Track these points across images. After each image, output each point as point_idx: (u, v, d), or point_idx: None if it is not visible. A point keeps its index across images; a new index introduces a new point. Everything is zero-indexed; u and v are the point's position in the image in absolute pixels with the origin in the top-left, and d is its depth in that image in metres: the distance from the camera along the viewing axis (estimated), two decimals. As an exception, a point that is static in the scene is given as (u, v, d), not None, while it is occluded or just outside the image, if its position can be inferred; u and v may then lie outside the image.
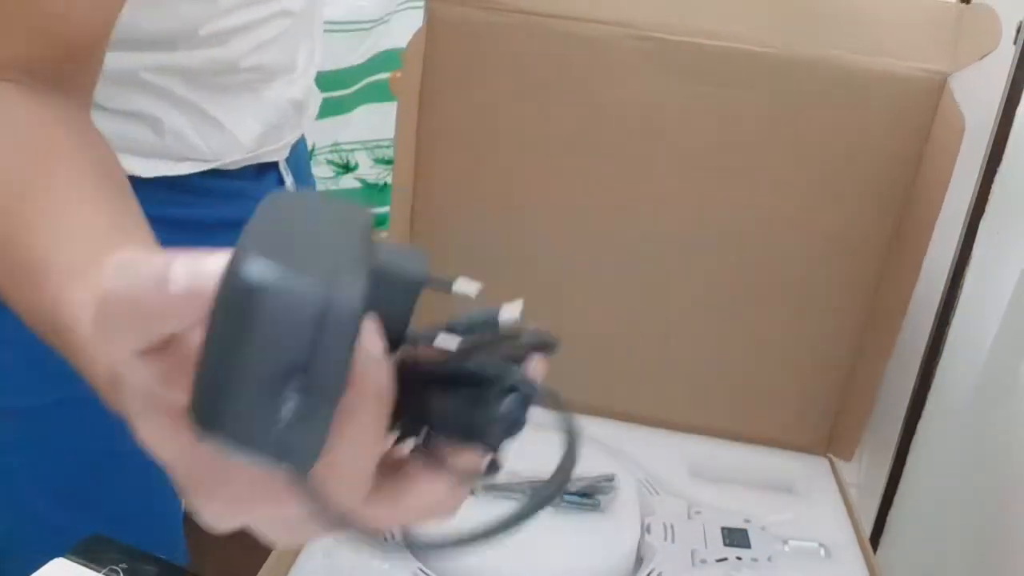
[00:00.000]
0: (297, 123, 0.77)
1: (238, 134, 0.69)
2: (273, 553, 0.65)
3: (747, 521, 0.75)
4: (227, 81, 0.67)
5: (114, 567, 0.55)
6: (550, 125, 0.81)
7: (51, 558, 0.57)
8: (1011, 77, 0.95)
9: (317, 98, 0.83)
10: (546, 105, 0.80)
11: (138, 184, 0.64)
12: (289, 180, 0.79)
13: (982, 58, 0.68)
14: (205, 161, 0.68)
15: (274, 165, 0.77)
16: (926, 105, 0.71)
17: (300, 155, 0.83)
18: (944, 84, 0.71)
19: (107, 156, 0.47)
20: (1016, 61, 0.95)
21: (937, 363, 1.06)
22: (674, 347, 0.89)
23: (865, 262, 0.80)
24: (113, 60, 0.54)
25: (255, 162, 0.73)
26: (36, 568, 0.56)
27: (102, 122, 0.62)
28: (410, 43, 0.80)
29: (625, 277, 0.88)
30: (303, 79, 0.76)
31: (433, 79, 0.81)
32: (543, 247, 0.87)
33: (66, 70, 0.48)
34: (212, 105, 0.66)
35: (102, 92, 0.59)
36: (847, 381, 0.87)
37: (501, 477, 0.71)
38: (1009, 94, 0.94)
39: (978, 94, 0.93)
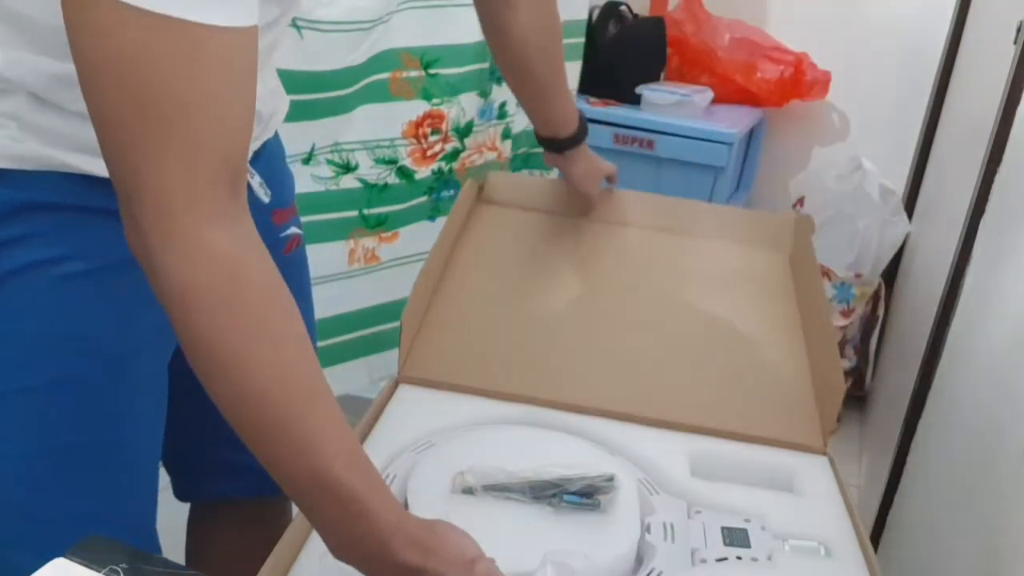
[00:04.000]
0: (259, 132, 0.80)
1: None
2: (272, 554, 0.65)
3: (747, 521, 0.75)
4: None
5: (114, 567, 0.55)
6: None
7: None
8: (1011, 77, 0.95)
9: (284, 102, 0.87)
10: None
11: (107, 183, 0.61)
12: (257, 180, 0.79)
13: (809, 238, 1.04)
14: None
15: None
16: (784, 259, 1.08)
17: (272, 155, 0.86)
18: (786, 260, 1.08)
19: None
20: (1016, 61, 0.95)
21: (937, 363, 1.06)
22: (674, 348, 0.89)
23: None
24: None
25: None
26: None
27: (77, 128, 0.63)
28: (453, 209, 1.05)
29: (626, 281, 0.89)
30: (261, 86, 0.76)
31: (464, 250, 1.04)
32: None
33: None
34: None
35: (79, 99, 0.57)
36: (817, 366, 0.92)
37: (501, 477, 0.71)
38: (1009, 94, 0.94)
39: (978, 94, 0.92)
